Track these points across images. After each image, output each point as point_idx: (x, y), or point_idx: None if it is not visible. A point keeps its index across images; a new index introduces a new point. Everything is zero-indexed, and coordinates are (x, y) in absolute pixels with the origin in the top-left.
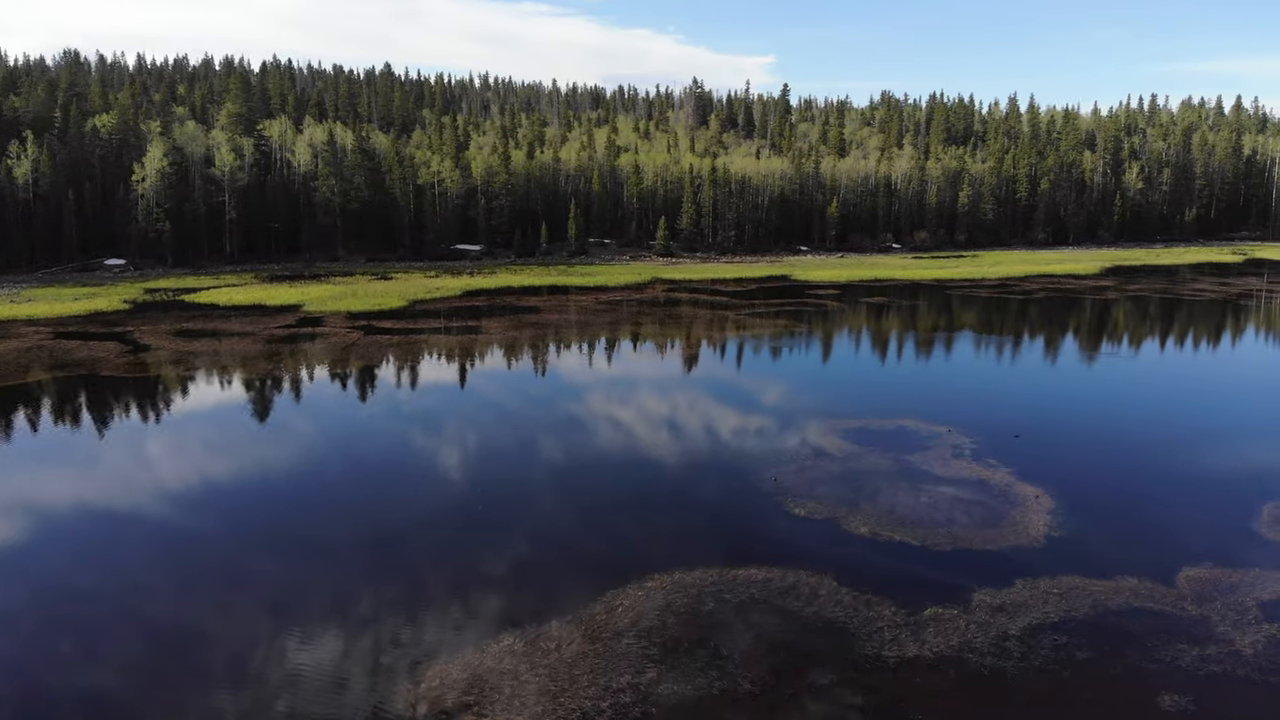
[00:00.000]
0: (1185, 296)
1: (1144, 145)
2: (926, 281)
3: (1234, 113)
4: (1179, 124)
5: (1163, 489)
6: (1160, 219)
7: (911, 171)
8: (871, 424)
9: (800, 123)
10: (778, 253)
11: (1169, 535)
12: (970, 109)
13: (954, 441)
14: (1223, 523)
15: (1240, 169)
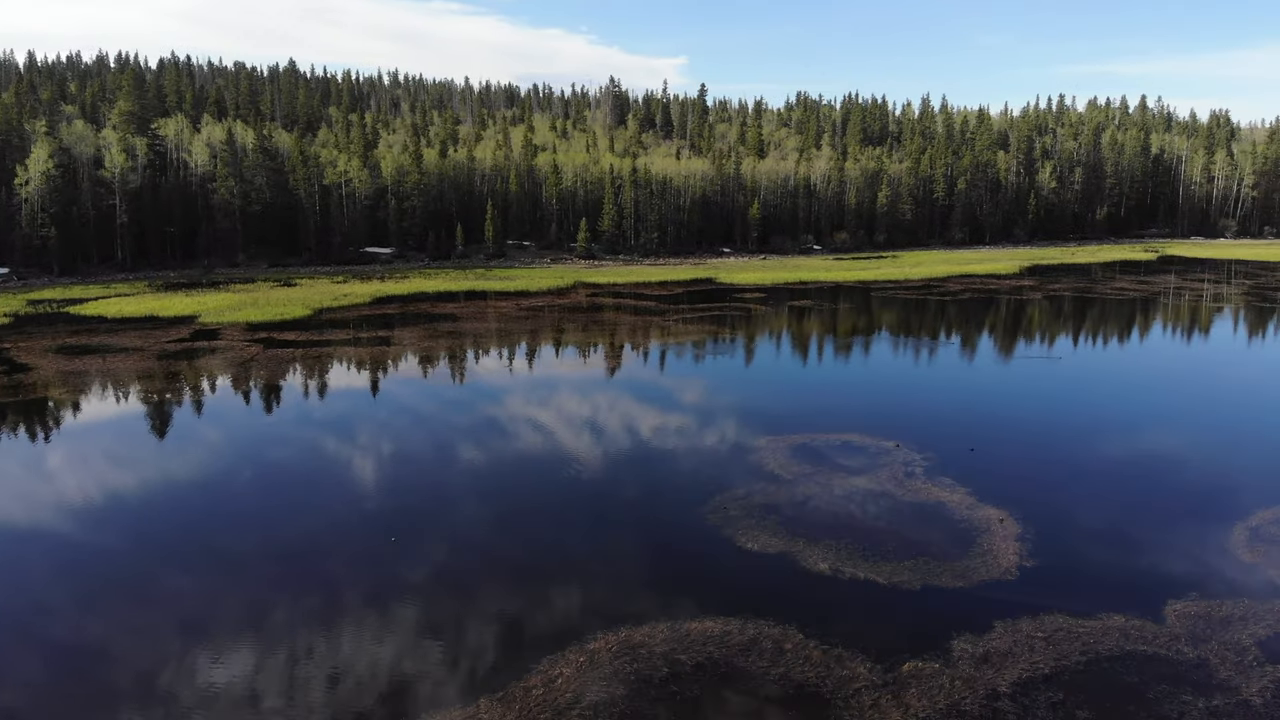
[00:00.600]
0: (1109, 296)
1: (1055, 145)
2: (850, 284)
3: (1139, 112)
4: (1088, 124)
5: (1129, 506)
6: (1073, 218)
7: (830, 172)
8: (817, 439)
9: (718, 123)
10: (700, 255)
11: (1146, 560)
12: (885, 110)
13: (904, 458)
14: (1197, 542)
15: (1149, 167)
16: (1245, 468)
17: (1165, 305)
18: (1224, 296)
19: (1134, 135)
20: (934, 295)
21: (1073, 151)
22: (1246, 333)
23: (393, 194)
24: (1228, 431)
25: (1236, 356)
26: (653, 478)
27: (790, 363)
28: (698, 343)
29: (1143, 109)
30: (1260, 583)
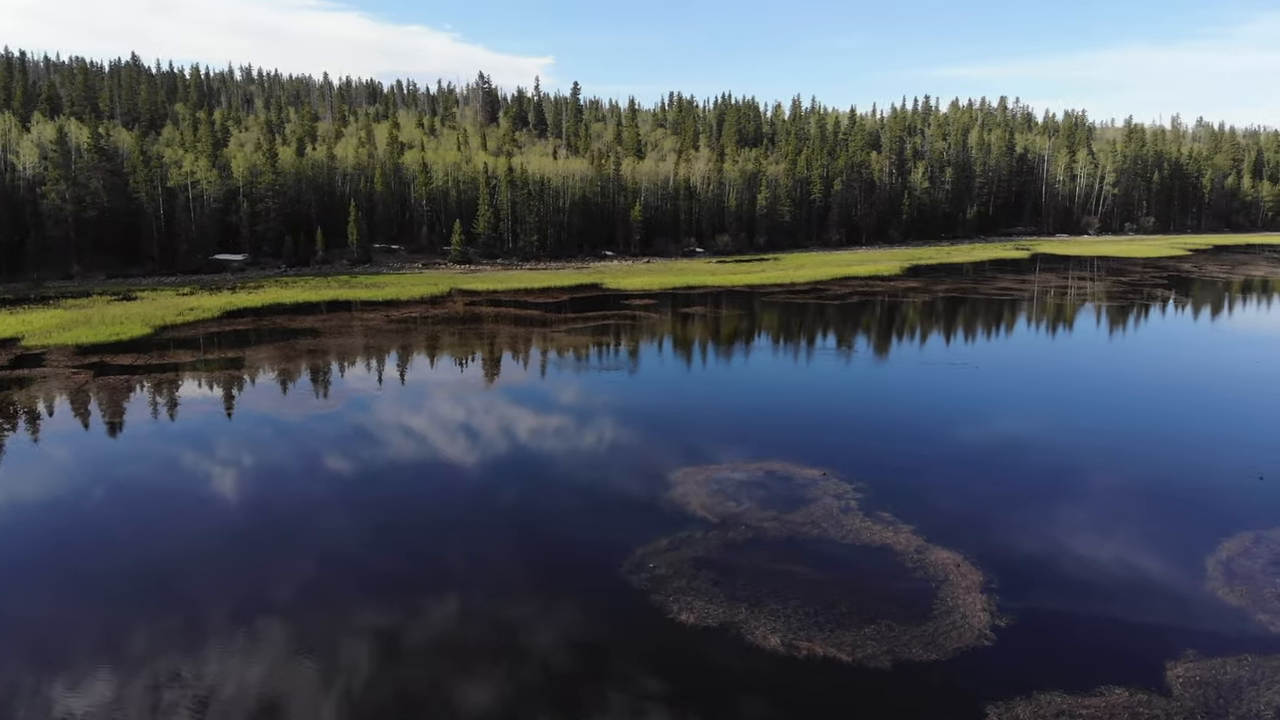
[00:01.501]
0: (996, 296)
1: (925, 145)
2: (739, 288)
3: (1000, 112)
4: (955, 124)
5: (1084, 539)
6: (945, 217)
7: (710, 173)
8: (737, 470)
9: (593, 123)
10: (582, 258)
11: (1125, 610)
12: (757, 111)
13: (835, 490)
14: (1175, 585)
15: (1014, 166)
16: (1193, 489)
17: (1054, 304)
18: (1102, 294)
19: (999, 135)
20: (824, 299)
21: (942, 152)
22: (1132, 329)
23: (245, 196)
24: (1170, 447)
25: (1139, 356)
26: (560, 527)
27: (693, 378)
28: (591, 357)
29: (1003, 109)
30: (1256, 632)
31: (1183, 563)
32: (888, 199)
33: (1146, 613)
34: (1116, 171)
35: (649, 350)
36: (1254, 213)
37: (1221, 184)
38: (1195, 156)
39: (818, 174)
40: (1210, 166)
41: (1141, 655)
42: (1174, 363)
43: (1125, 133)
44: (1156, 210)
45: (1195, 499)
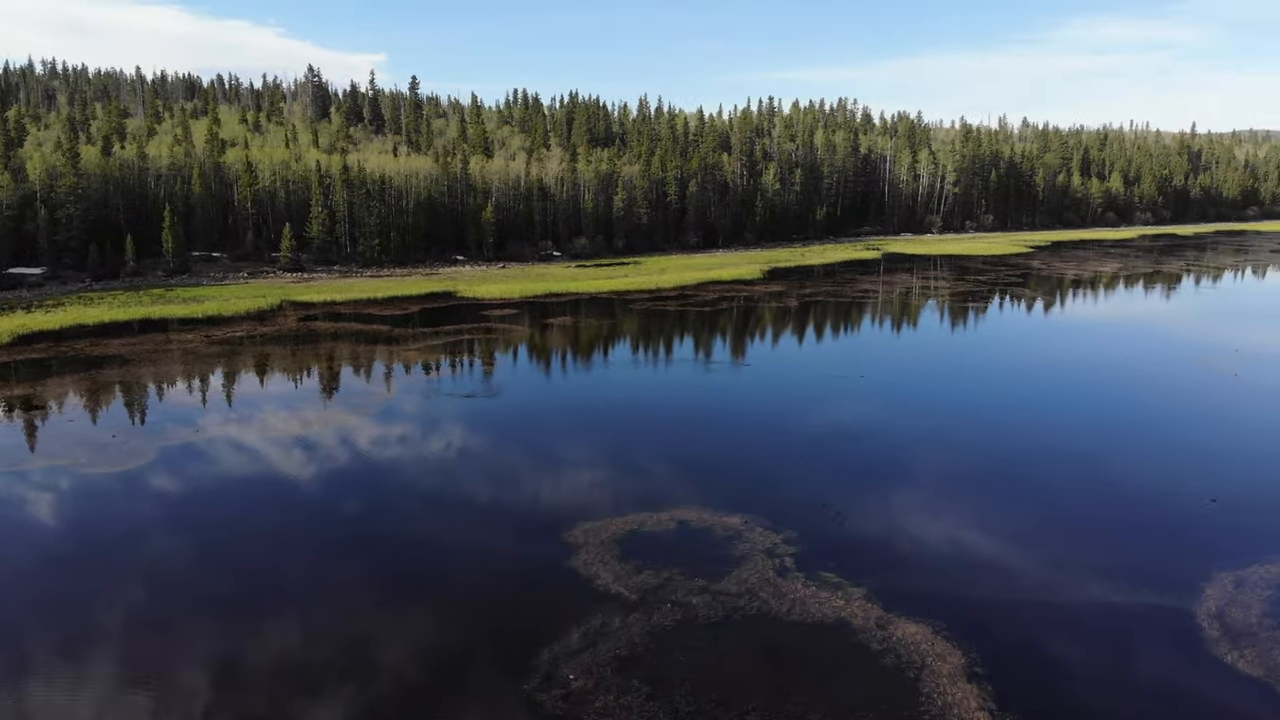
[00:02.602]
0: (860, 298)
1: (774, 147)
2: (605, 295)
3: (840, 113)
4: (802, 125)
5: (1061, 593)
6: (796, 218)
7: (563, 174)
8: (646, 524)
9: (435, 119)
10: (431, 263)
11: (1137, 692)
12: (606, 111)
13: (763, 543)
14: (1177, 651)
15: (859, 167)
16: (1167, 522)
17: (923, 307)
18: (965, 295)
19: (844, 136)
20: (694, 306)
21: (791, 153)
22: (1013, 330)
23: (43, 201)
24: (1130, 471)
25: (1016, 357)
26: (441, 625)
27: (570, 401)
28: (450, 379)
29: (844, 110)
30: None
31: (1178, 617)
32: (741, 201)
33: (1161, 695)
34: (956, 171)
35: (516, 369)
36: (1084, 209)
37: (1053, 182)
38: (1028, 156)
39: (672, 175)
40: (1042, 165)
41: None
42: (1057, 365)
43: (962, 133)
44: (994, 208)
45: (1171, 529)
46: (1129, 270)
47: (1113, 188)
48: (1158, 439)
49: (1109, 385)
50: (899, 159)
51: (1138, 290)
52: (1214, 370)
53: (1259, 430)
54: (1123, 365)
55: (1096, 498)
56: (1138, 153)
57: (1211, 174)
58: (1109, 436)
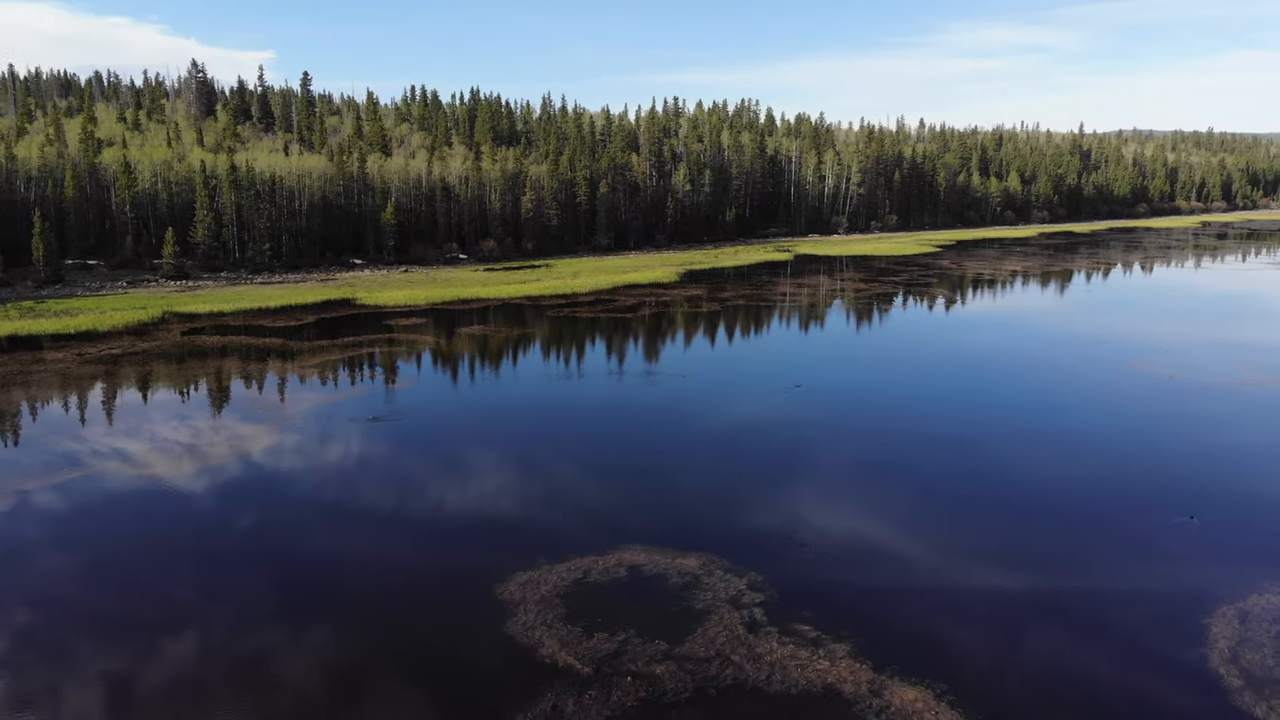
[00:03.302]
0: (782, 301)
1: (681, 147)
2: (518, 300)
3: (741, 114)
4: (709, 127)
5: (1062, 634)
6: (706, 220)
7: (468, 173)
8: (592, 571)
9: (329, 116)
10: (328, 268)
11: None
12: (509, 109)
13: (728, 590)
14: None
15: (766, 168)
16: (1149, 544)
17: (847, 310)
18: (884, 296)
19: (750, 138)
20: (613, 312)
21: (699, 154)
22: (946, 333)
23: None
24: (1079, 483)
25: (965, 361)
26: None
27: (493, 424)
28: (352, 399)
29: (745, 111)
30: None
31: (1193, 666)
32: (651, 202)
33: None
34: (861, 172)
35: (425, 385)
36: (984, 208)
37: (954, 181)
38: (928, 156)
39: (582, 175)
40: (943, 165)
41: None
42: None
43: (865, 134)
44: (898, 208)
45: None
46: (1042, 269)
47: (1010, 187)
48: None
49: (1077, 394)
50: (805, 160)
51: (1061, 287)
52: (1151, 374)
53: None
54: (1068, 371)
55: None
56: (1032, 153)
57: (1102, 173)
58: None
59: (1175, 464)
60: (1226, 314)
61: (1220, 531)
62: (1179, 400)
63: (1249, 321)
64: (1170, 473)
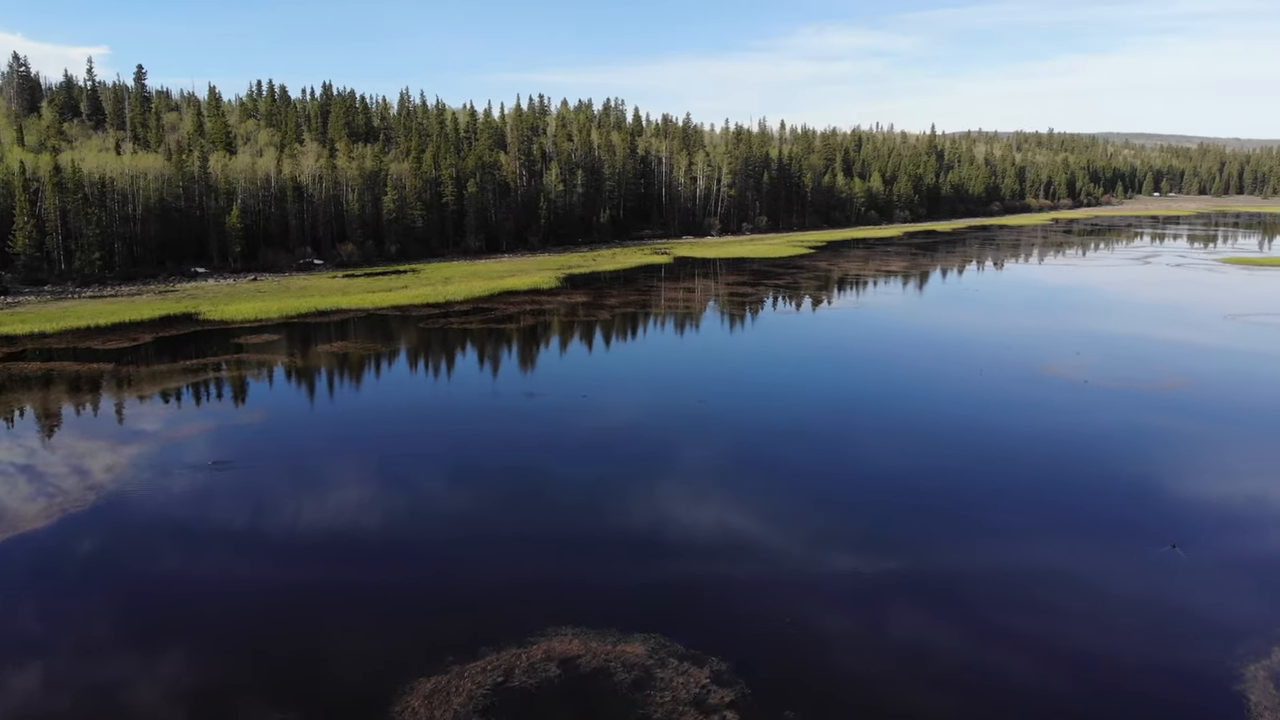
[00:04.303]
0: (673, 308)
1: (551, 145)
2: (384, 310)
3: (610, 114)
4: (578, 127)
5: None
6: (580, 221)
7: (322, 171)
8: (515, 672)
9: (167, 112)
10: (167, 278)
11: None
12: (366, 105)
13: (687, 688)
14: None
15: (638, 169)
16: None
17: (738, 315)
18: (773, 299)
19: (621, 138)
20: (496, 322)
21: (571, 153)
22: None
23: None
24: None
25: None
26: None
27: (367, 466)
28: (194, 441)
29: (611, 111)
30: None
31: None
32: (523, 202)
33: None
34: (731, 173)
35: (279, 417)
36: (849, 209)
37: (820, 182)
38: (794, 157)
39: (448, 174)
40: (808, 167)
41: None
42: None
43: (734, 136)
44: (767, 209)
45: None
46: (920, 269)
47: (874, 187)
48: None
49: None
50: (676, 161)
51: (945, 285)
52: (1067, 379)
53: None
54: (978, 377)
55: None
56: (891, 154)
57: (957, 172)
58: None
59: (1029, 449)
60: (1074, 305)
61: (1066, 512)
62: (1038, 391)
63: (1096, 313)
64: (1023, 459)
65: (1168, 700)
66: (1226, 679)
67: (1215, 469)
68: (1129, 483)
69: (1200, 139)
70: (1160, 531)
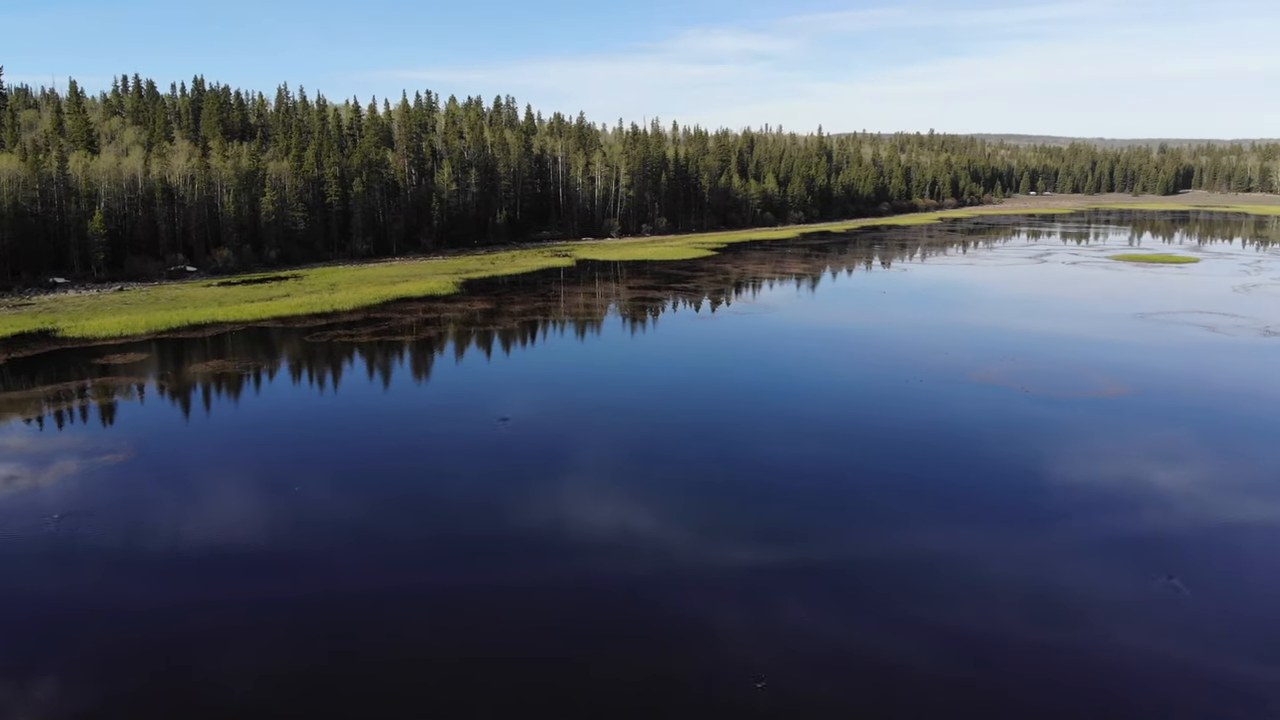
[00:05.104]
0: (581, 315)
1: (442, 143)
2: (266, 322)
3: (502, 112)
4: (467, 123)
5: None
6: (475, 222)
7: (195, 172)
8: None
9: (24, 110)
10: (22, 290)
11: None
12: (241, 101)
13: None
14: None
15: (534, 168)
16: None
17: (654, 323)
18: (685, 305)
19: (516, 136)
20: (392, 335)
21: (462, 151)
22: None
23: None
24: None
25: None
26: None
27: (250, 518)
28: (47, 490)
29: (501, 109)
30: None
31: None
32: (414, 203)
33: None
34: (630, 174)
35: (142, 458)
36: (746, 210)
37: (716, 183)
38: (690, 158)
39: (332, 173)
40: (705, 168)
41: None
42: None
43: (631, 136)
44: (666, 210)
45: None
46: (819, 268)
47: (769, 188)
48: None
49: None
50: (573, 161)
51: (843, 285)
52: (990, 383)
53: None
54: (915, 385)
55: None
56: (784, 155)
57: (847, 173)
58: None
59: (913, 438)
60: (954, 301)
61: (950, 495)
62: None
63: (1012, 314)
64: (906, 448)
65: (1049, 675)
66: (1105, 653)
67: (1090, 455)
68: (1011, 471)
69: (1070, 139)
70: (1040, 515)
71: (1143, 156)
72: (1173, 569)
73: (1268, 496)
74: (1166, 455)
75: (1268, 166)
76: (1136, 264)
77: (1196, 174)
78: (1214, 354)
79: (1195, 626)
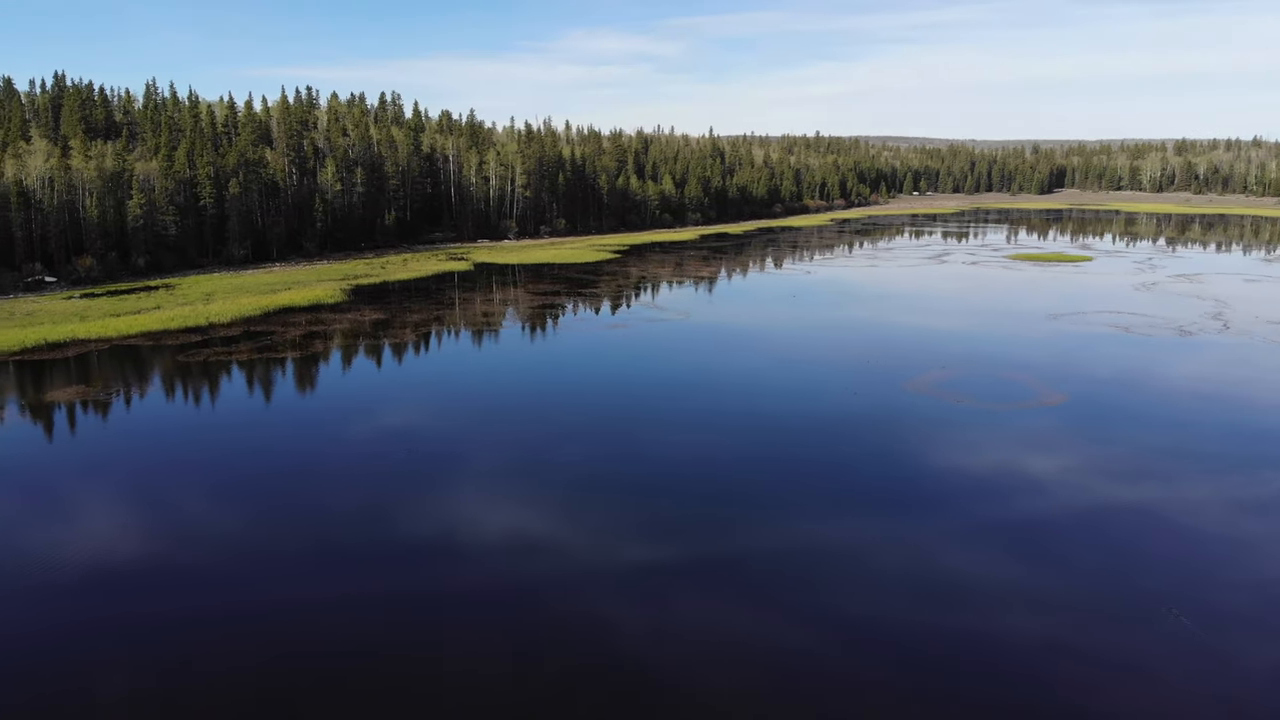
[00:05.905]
0: (486, 325)
1: (324, 141)
2: (131, 340)
3: (388, 109)
4: (351, 121)
5: None
6: (361, 223)
7: (54, 174)
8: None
9: None
10: None
11: None
12: (105, 98)
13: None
14: None
15: (424, 167)
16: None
17: (569, 332)
18: (598, 314)
19: (404, 134)
20: (275, 351)
21: (347, 149)
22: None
23: None
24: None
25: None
26: None
27: (114, 591)
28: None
29: (387, 107)
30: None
31: None
32: (296, 204)
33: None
34: (526, 174)
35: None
36: (644, 211)
37: (614, 184)
38: (587, 158)
39: (205, 173)
40: (602, 168)
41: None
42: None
43: (526, 135)
44: (565, 212)
45: None
46: (721, 270)
47: (666, 190)
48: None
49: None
50: (466, 160)
51: (759, 288)
52: (944, 402)
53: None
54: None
55: None
56: (679, 157)
57: (741, 175)
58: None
59: (809, 433)
60: (896, 306)
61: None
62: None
63: (923, 314)
64: (805, 442)
65: (932, 656)
66: (987, 635)
67: (967, 446)
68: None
69: (948, 140)
70: (920, 506)
71: (1018, 157)
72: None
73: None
74: (1120, 471)
75: (1137, 165)
76: (1034, 263)
77: (1069, 173)
78: (1141, 354)
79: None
